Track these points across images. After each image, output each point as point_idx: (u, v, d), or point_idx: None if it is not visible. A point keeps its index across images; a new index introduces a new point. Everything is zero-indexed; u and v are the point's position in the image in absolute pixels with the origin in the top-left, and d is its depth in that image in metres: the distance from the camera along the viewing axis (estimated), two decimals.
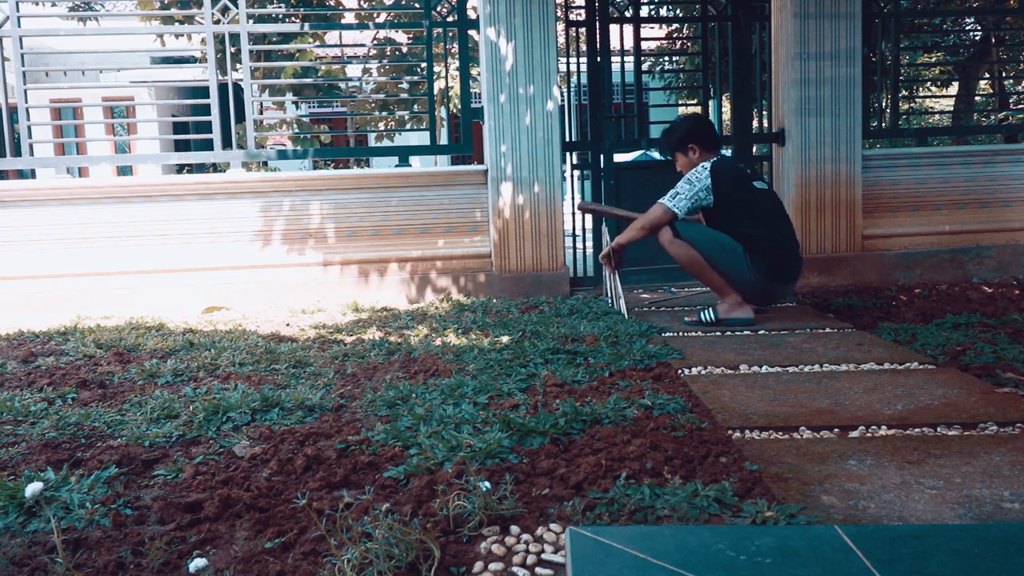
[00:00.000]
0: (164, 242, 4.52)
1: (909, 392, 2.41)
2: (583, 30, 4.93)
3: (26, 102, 4.51)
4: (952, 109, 8.76)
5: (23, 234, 4.45)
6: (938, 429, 2.09)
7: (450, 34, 5.16)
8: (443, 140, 12.54)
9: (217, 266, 4.54)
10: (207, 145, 4.70)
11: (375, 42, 7.48)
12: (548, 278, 4.66)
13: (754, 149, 5.23)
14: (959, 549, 1.30)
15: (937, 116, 8.15)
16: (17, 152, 4.59)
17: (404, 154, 5.16)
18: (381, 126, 11.00)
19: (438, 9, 4.70)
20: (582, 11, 4.91)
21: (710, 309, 3.60)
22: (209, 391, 2.64)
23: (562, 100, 4.78)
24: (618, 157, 5.09)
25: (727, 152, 5.17)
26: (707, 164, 3.59)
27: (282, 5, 8.17)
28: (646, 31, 7.73)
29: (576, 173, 5.30)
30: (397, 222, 4.66)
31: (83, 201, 4.49)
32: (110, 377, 2.89)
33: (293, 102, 6.93)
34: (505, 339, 3.30)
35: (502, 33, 4.55)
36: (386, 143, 11.01)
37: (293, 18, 7.95)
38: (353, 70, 10.97)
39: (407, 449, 2.01)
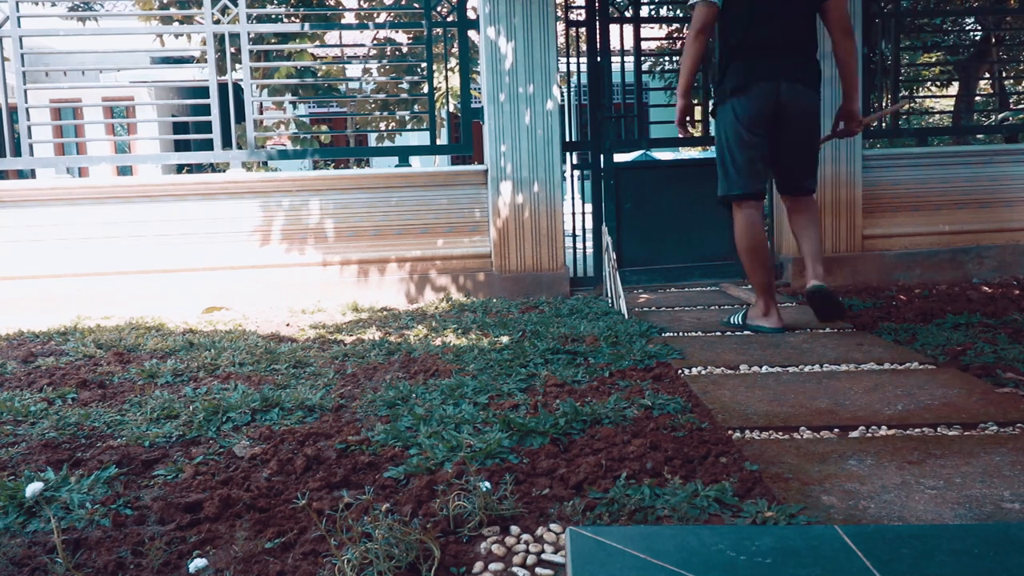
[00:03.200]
0: (164, 242, 4.52)
1: (909, 392, 2.41)
2: (583, 30, 4.93)
3: (26, 102, 4.51)
4: (952, 109, 8.76)
5: (23, 234, 4.45)
6: (938, 429, 2.09)
7: (450, 34, 5.16)
8: (443, 140, 12.53)
9: (217, 266, 4.54)
10: (207, 145, 4.70)
11: (375, 42, 7.47)
12: (548, 278, 4.65)
13: None
14: (959, 549, 1.30)
15: (937, 116, 8.14)
16: (17, 152, 4.59)
17: (404, 154, 5.16)
18: (382, 126, 10.99)
19: (438, 9, 4.70)
20: (582, 11, 4.91)
21: (739, 314, 3.58)
22: (209, 391, 2.64)
23: (562, 100, 4.78)
24: (618, 157, 5.09)
25: None
26: None
27: (282, 5, 8.17)
28: (646, 31, 7.75)
29: (576, 173, 5.31)
30: (397, 222, 4.66)
31: (83, 201, 4.49)
32: (110, 377, 2.89)
33: (291, 102, 6.93)
34: (505, 339, 3.30)
35: (502, 33, 4.55)
36: (386, 143, 11.00)
37: (293, 18, 7.95)
38: (353, 70, 10.97)
39: (407, 449, 2.01)
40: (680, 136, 3.75)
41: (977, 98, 8.77)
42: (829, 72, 4.70)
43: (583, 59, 4.97)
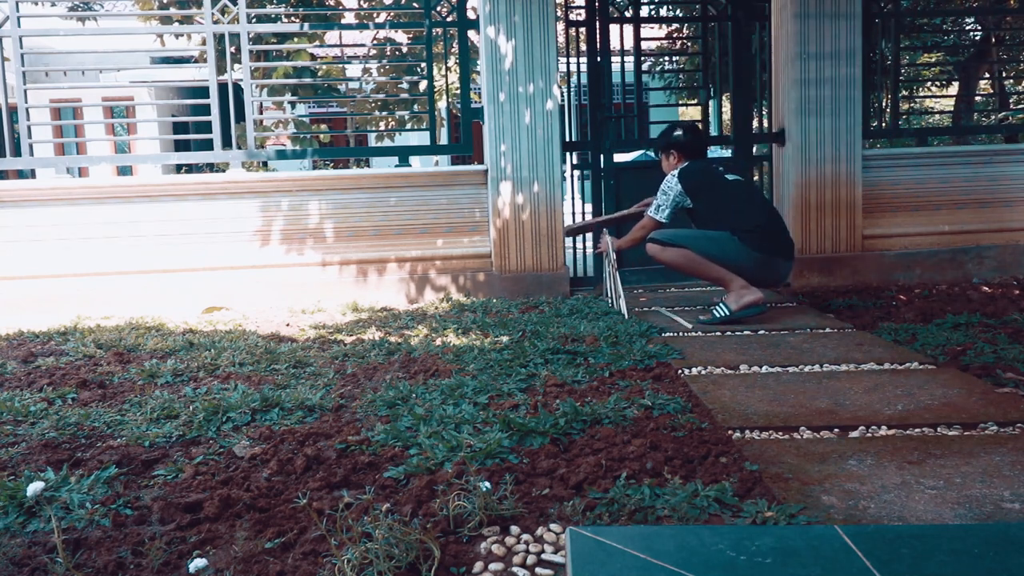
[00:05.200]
0: (164, 242, 4.52)
1: (909, 392, 2.41)
2: (583, 30, 4.93)
3: (26, 102, 4.51)
4: (952, 109, 8.76)
5: (23, 234, 4.45)
6: (938, 429, 2.09)
7: (450, 34, 5.15)
8: (443, 140, 12.53)
9: (217, 266, 4.54)
10: (207, 145, 4.70)
11: (375, 42, 7.47)
12: (548, 278, 4.65)
13: (754, 149, 5.22)
14: (959, 549, 1.30)
15: (937, 116, 8.14)
16: (17, 152, 4.59)
17: (404, 154, 5.16)
18: (381, 126, 10.99)
19: (438, 9, 4.70)
20: (582, 11, 4.91)
21: (721, 305, 3.62)
22: (209, 391, 2.64)
23: (562, 100, 4.78)
24: (618, 157, 5.08)
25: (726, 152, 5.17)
26: (675, 172, 3.81)
27: (282, 5, 8.17)
28: (646, 31, 7.72)
29: (576, 173, 5.31)
30: (397, 222, 4.66)
31: (83, 201, 4.49)
32: (110, 377, 2.89)
33: (291, 102, 6.93)
34: (505, 339, 3.30)
35: (502, 32, 4.55)
36: (386, 143, 11.00)
37: (293, 18, 7.95)
38: (353, 70, 10.97)
39: (407, 449, 2.01)
40: None
41: (977, 98, 8.77)
42: (830, 72, 4.71)
43: (583, 59, 4.96)
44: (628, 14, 5.00)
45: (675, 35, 10.57)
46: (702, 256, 3.60)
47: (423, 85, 7.49)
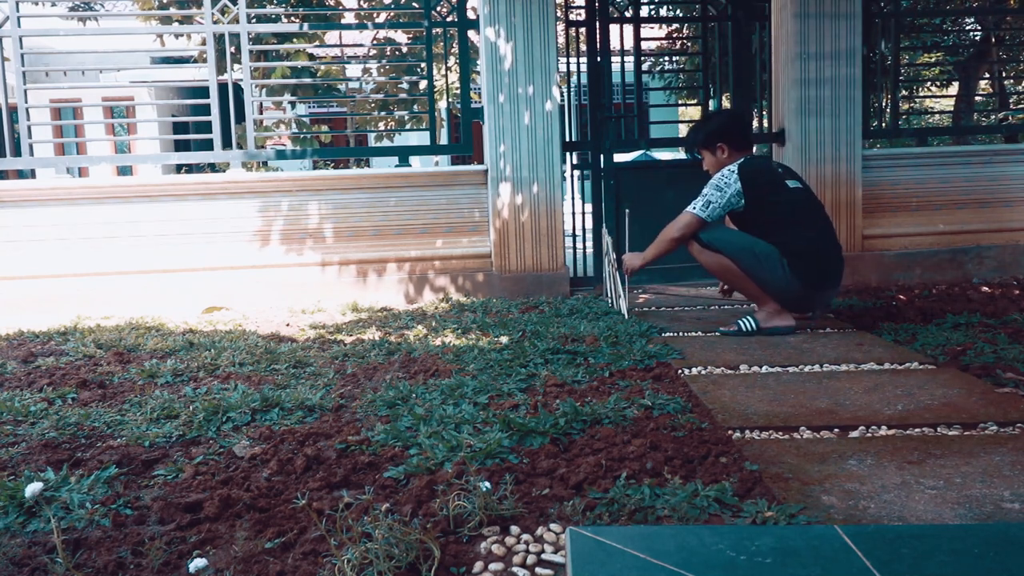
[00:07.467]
0: (164, 242, 4.52)
1: (909, 392, 2.41)
2: (583, 30, 4.93)
3: (26, 102, 4.51)
4: (952, 109, 8.76)
5: (23, 234, 4.45)
6: (938, 429, 2.09)
7: (450, 34, 5.15)
8: (443, 140, 12.53)
9: (217, 266, 4.54)
10: (207, 145, 4.70)
11: (375, 42, 7.47)
12: (548, 278, 4.65)
13: (754, 149, 5.22)
14: (959, 549, 1.30)
15: (937, 116, 8.14)
16: (17, 152, 4.59)
17: (404, 154, 5.16)
18: (381, 126, 10.99)
19: (438, 9, 4.70)
20: (582, 11, 4.91)
21: (749, 318, 3.40)
22: (209, 391, 2.64)
23: (562, 100, 4.78)
24: (618, 157, 5.08)
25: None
26: (734, 167, 3.41)
27: (282, 5, 8.17)
28: (646, 31, 7.72)
29: (576, 173, 5.30)
30: (397, 222, 4.66)
31: (83, 201, 4.49)
32: (110, 377, 2.89)
33: (291, 102, 6.93)
34: (505, 339, 3.30)
35: (502, 33, 4.55)
36: (386, 143, 11.00)
37: (293, 18, 7.95)
38: (353, 70, 10.97)
39: (407, 449, 2.01)
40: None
41: (977, 98, 8.77)
42: (830, 72, 4.71)
43: (583, 59, 4.96)
44: (628, 14, 5.00)
45: (675, 35, 10.56)
46: (742, 272, 3.37)
47: (423, 85, 7.49)
